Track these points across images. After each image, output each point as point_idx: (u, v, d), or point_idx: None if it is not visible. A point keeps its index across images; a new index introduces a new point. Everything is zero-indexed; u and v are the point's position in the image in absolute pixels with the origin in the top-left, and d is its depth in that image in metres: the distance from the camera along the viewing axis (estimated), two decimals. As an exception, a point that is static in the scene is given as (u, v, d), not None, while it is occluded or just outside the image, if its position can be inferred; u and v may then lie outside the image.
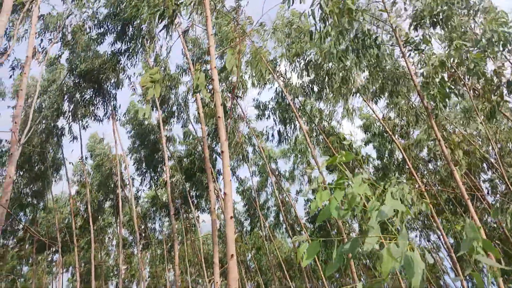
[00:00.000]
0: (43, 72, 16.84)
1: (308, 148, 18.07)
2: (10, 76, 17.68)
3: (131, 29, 16.91)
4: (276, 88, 17.06)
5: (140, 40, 16.98)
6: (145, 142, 21.24)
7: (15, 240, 24.50)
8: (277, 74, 16.23)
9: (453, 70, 9.66)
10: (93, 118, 20.01)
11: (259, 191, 24.30)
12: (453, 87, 9.20)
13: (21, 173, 19.92)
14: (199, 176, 19.70)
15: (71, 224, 20.00)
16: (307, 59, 13.95)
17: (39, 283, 26.80)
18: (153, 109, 20.18)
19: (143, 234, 23.61)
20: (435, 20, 9.64)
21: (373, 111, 14.97)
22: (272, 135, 18.96)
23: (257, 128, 23.55)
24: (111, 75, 18.26)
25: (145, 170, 21.91)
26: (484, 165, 17.46)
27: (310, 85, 15.31)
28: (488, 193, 18.33)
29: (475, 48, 8.96)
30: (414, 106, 15.15)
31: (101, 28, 17.75)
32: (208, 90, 15.70)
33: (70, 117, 19.60)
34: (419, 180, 13.10)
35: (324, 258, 22.71)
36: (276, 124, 18.61)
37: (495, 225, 19.10)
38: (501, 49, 8.82)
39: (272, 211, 26.76)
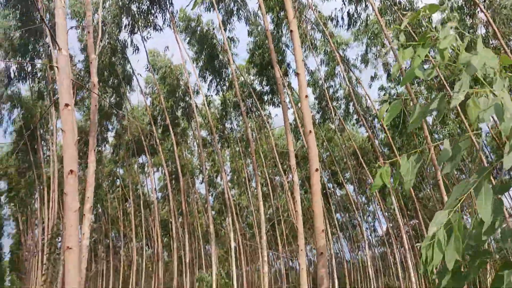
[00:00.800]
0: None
1: (382, 29, 16.77)
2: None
3: None
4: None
5: None
6: (205, 47, 21.17)
7: (107, 145, 27.31)
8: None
9: None
10: (153, 27, 20.28)
11: (327, 80, 23.75)
12: None
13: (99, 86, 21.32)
14: (269, 71, 19.57)
15: (152, 129, 21.56)
16: None
17: (134, 182, 30.20)
18: (210, 11, 19.76)
19: (221, 134, 24.87)
20: None
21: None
22: (342, 18, 17.80)
23: (324, 12, 22.01)
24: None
25: (211, 77, 22.20)
26: None
27: None
28: None
29: None
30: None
31: None
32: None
33: (131, 30, 20.05)
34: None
35: (399, 146, 22.46)
36: (345, 4, 17.35)
37: None
38: None
39: (341, 103, 26.39)
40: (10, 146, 28.61)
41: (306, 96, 5.26)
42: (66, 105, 3.82)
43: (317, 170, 5.07)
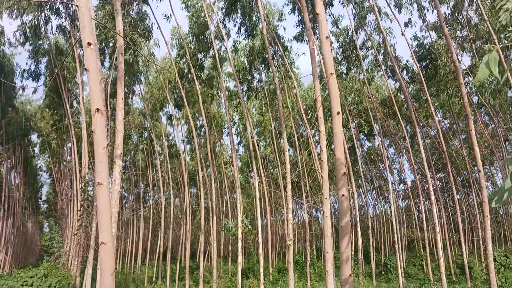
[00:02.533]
0: None
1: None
2: None
3: None
4: None
5: None
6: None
7: (135, 97, 27.60)
8: None
9: None
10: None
11: (358, 30, 22.85)
12: None
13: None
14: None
15: (178, 84, 21.47)
16: None
17: (159, 135, 30.76)
18: None
19: (249, 85, 24.62)
20: None
21: None
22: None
23: None
24: None
25: (240, 19, 21.34)
26: None
27: None
28: None
29: None
30: None
31: None
32: None
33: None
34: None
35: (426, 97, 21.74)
36: None
37: None
38: None
39: (369, 54, 25.61)
40: (43, 99, 29.41)
41: (327, 37, 5.05)
42: (89, 43, 3.78)
43: (338, 113, 4.99)
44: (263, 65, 23.88)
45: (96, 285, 12.61)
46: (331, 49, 22.65)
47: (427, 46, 22.44)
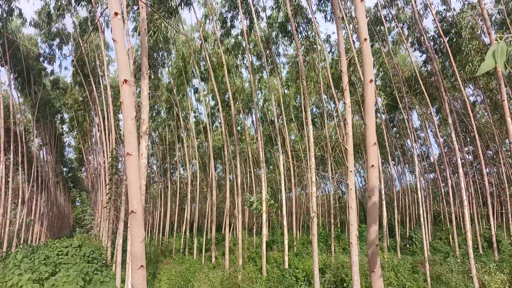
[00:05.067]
0: None
1: None
2: None
3: None
4: None
5: None
6: None
7: (163, 72, 27.82)
8: None
9: None
10: None
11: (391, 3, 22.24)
12: None
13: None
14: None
15: (204, 50, 21.27)
16: None
17: (186, 109, 31.00)
18: None
19: (269, 60, 24.34)
20: None
21: None
22: None
23: None
24: None
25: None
26: None
27: None
28: None
29: None
30: None
31: None
32: None
33: None
34: None
35: (451, 73, 21.06)
36: None
37: None
38: None
39: (393, 27, 24.89)
40: (71, 78, 30.04)
41: (362, 0, 4.85)
42: (116, 14, 3.81)
43: (371, 81, 4.84)
44: (286, 38, 23.50)
45: (127, 255, 13.16)
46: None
47: (449, 19, 21.74)
